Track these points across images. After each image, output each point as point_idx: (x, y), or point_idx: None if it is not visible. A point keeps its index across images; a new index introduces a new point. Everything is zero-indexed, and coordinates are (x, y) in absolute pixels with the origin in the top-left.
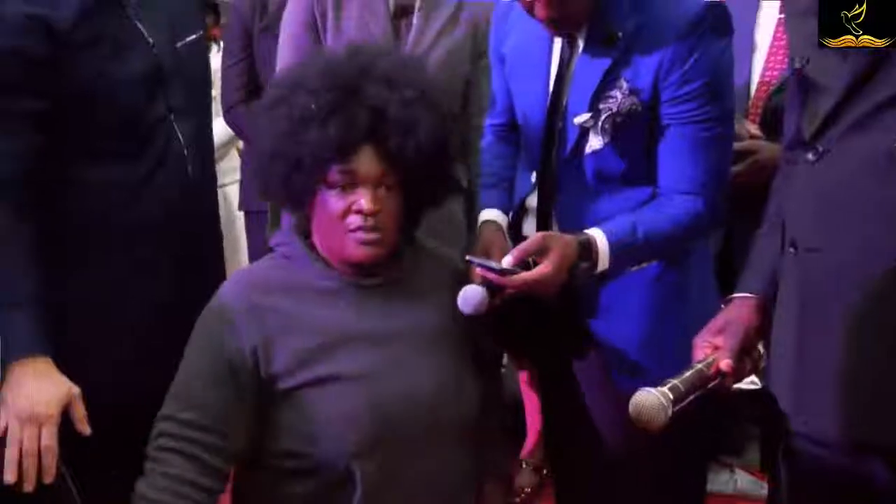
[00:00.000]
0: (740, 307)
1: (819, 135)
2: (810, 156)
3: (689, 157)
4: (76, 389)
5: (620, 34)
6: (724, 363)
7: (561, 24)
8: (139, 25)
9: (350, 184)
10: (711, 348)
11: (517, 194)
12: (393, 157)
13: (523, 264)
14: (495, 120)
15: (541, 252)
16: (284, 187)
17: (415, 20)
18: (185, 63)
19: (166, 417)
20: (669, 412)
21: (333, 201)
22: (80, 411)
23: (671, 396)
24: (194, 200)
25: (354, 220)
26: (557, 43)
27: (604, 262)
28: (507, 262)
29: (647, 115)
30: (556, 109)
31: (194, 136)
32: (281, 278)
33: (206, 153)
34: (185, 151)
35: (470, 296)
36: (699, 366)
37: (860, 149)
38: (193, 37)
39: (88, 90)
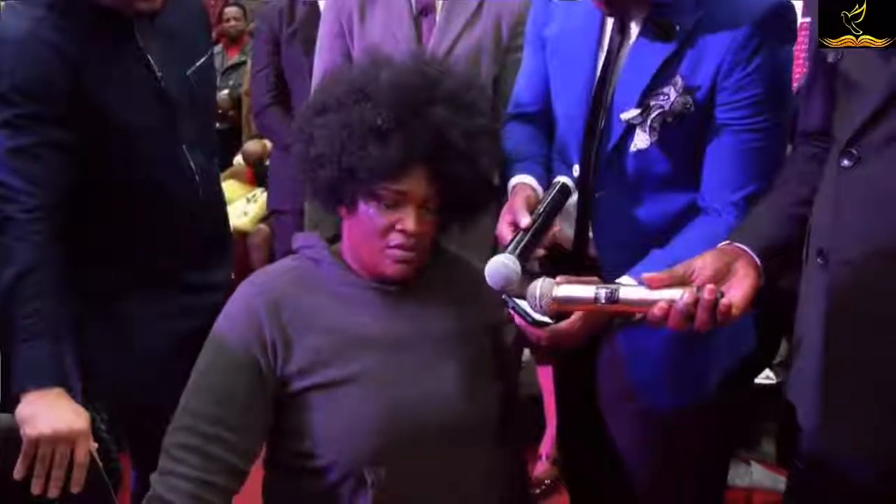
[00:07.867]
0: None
1: (855, 139)
2: (845, 161)
3: (735, 166)
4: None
5: (679, 27)
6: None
7: (618, 2)
8: (151, 61)
9: (397, 202)
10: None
11: None
12: (445, 181)
13: (555, 316)
14: (525, 109)
15: None
16: (329, 191)
17: (437, 19)
18: (194, 92)
19: (187, 411)
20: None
21: (376, 216)
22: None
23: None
24: (206, 221)
25: (396, 238)
26: (608, 29)
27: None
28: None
29: (698, 116)
30: (600, 101)
31: (203, 160)
32: (304, 278)
33: (213, 173)
34: (197, 178)
35: (494, 270)
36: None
37: None
38: (203, 60)
39: (100, 132)
